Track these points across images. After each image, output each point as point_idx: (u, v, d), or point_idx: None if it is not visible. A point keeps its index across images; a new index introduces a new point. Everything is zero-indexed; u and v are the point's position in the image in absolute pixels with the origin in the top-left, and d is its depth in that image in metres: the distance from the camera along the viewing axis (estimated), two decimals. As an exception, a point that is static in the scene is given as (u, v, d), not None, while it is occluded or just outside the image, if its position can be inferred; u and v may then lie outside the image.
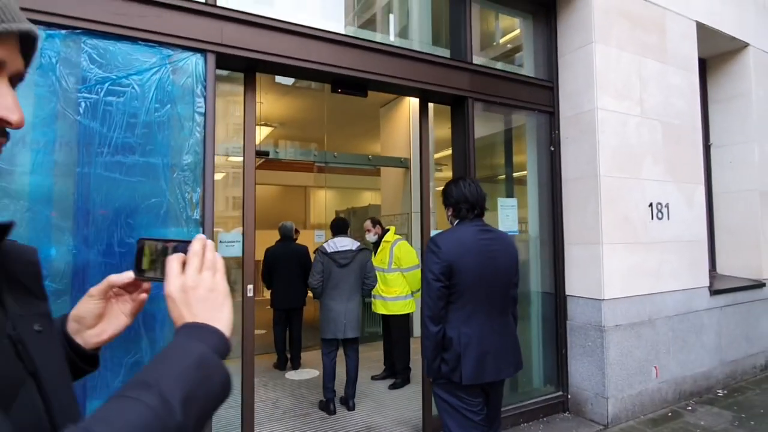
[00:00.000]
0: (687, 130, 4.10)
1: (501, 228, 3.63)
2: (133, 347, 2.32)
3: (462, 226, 2.16)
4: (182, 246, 0.68)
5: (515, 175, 4.15)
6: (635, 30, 3.82)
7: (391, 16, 4.82)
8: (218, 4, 2.62)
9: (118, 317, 0.76)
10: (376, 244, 4.59)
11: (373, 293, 4.43)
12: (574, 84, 3.76)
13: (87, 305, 0.74)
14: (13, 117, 0.56)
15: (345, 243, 4.00)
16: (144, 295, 0.77)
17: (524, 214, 3.96)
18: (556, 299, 3.85)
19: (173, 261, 0.64)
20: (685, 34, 4.16)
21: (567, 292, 3.81)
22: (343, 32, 3.15)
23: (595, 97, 3.57)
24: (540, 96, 3.85)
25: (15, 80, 0.59)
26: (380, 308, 4.47)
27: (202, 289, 0.63)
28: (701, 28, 4.29)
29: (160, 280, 0.67)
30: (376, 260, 4.48)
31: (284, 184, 11.06)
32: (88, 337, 0.74)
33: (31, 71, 1.92)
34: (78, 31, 2.24)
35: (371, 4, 5.12)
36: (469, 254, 2.06)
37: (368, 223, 4.64)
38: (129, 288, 0.76)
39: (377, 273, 4.42)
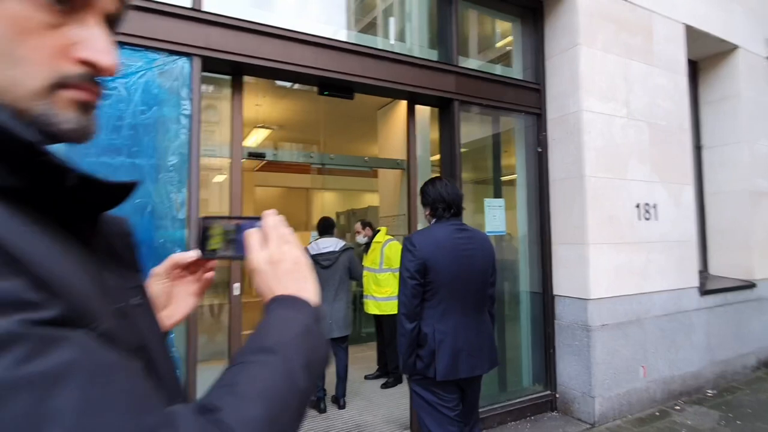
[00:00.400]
0: (674, 130, 4.13)
1: (488, 228, 3.68)
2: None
3: (438, 225, 2.21)
4: (250, 223, 0.67)
5: (503, 176, 4.19)
6: (621, 33, 3.86)
7: (391, 20, 4.89)
8: (204, 8, 2.68)
9: (185, 298, 0.74)
10: (367, 245, 4.64)
11: (365, 294, 4.48)
12: (561, 86, 3.80)
13: (155, 286, 0.72)
14: (104, 59, 0.47)
15: (328, 244, 4.06)
16: (211, 274, 0.75)
17: (512, 215, 4.00)
18: (544, 299, 3.88)
19: (254, 236, 0.64)
20: (672, 37, 4.19)
21: (555, 292, 3.84)
22: (329, 36, 3.21)
23: (581, 99, 3.61)
24: (527, 98, 3.90)
25: (112, 23, 0.50)
26: (372, 308, 4.52)
27: (287, 261, 0.62)
28: (690, 30, 4.32)
29: (237, 257, 0.67)
30: (367, 261, 4.54)
31: (286, 186, 11.15)
32: (162, 319, 0.70)
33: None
34: (66, 36, 2.30)
35: (371, 9, 5.18)
36: (443, 252, 2.10)
37: (358, 225, 4.72)
38: (191, 268, 0.74)
39: (369, 273, 4.48)
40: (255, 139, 8.17)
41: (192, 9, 2.62)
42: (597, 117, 3.67)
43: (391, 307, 4.45)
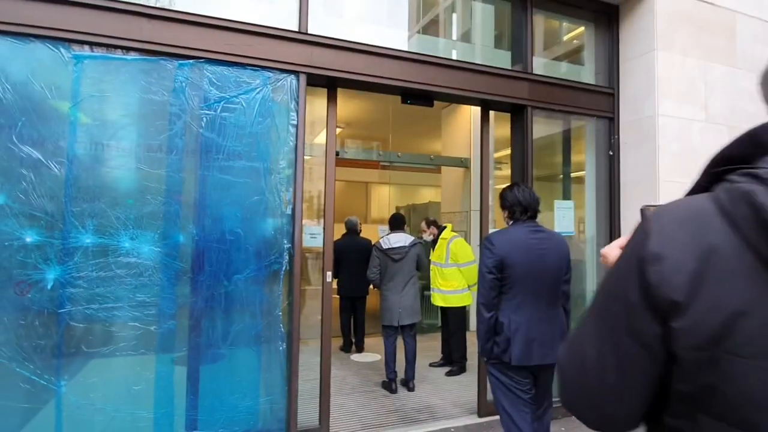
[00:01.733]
0: (757, 134, 4.04)
1: (557, 228, 3.84)
2: (237, 318, 2.85)
3: (515, 226, 2.46)
4: None
5: (573, 176, 4.30)
6: (701, 34, 3.84)
7: (454, 20, 5.10)
8: (309, 30, 3.07)
9: None
10: (434, 241, 4.91)
11: (432, 287, 4.78)
12: (635, 90, 3.86)
13: None
14: None
15: (399, 239, 4.39)
16: None
17: (581, 216, 4.12)
18: (611, 298, 3.97)
19: None
20: (758, 36, 4.09)
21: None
22: (406, 47, 3.51)
23: (656, 104, 3.66)
24: (600, 102, 3.99)
25: None
26: (438, 301, 4.80)
27: None
28: (776, 29, 4.19)
29: None
30: (434, 256, 4.82)
31: (347, 180, 11.62)
32: None
33: (166, 94, 2.50)
34: (201, 60, 2.77)
35: (434, 9, 5.41)
36: (518, 251, 2.36)
37: (423, 225, 4.98)
38: None
39: (435, 268, 4.77)
40: (335, 138, 8.62)
41: (299, 32, 3.02)
42: (673, 121, 3.71)
43: (456, 300, 4.71)
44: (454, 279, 4.69)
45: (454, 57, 3.93)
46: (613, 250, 0.81)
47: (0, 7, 2.33)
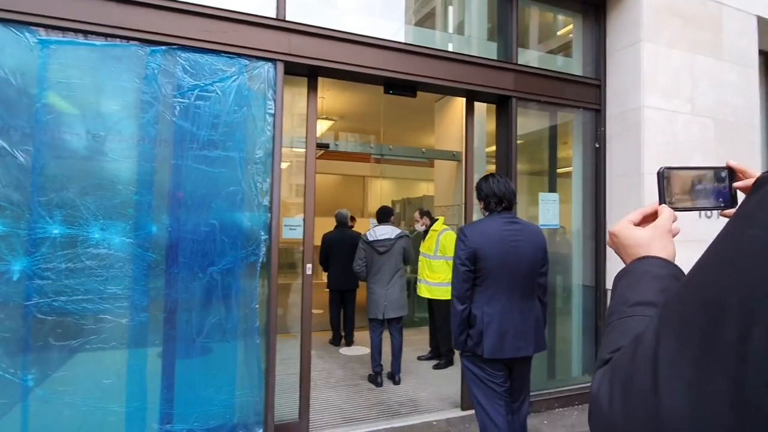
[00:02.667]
0: (743, 127, 4.01)
1: (541, 221, 3.80)
2: (213, 311, 2.80)
3: (489, 218, 2.42)
4: (717, 172, 0.65)
5: (559, 170, 4.26)
6: (687, 27, 3.79)
7: (450, 12, 5.04)
8: (287, 18, 3.01)
9: None
10: (425, 233, 4.88)
11: (418, 277, 4.74)
12: (622, 82, 3.81)
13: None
14: None
15: (385, 231, 4.34)
16: (678, 228, 0.71)
17: (567, 208, 4.08)
18: (596, 292, 3.96)
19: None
20: (744, 30, 4.04)
21: (607, 286, 3.90)
22: (397, 37, 3.45)
23: (642, 96, 3.62)
24: (586, 94, 3.94)
25: None
26: (424, 292, 4.77)
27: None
28: (762, 22, 4.14)
29: (714, 207, 0.66)
30: (424, 247, 4.78)
31: (343, 174, 11.57)
32: None
33: (138, 81, 2.44)
34: (174, 46, 2.71)
35: (430, 2, 5.35)
36: (491, 243, 2.31)
37: (416, 214, 4.95)
38: (649, 220, 0.72)
39: (424, 259, 4.73)
40: (318, 129, 8.58)
41: (276, 19, 2.95)
42: (659, 113, 3.67)
43: (441, 293, 4.68)
44: (442, 271, 4.66)
45: (448, 48, 3.86)
46: (626, 228, 0.71)
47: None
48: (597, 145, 3.98)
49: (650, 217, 0.72)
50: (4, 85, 2.34)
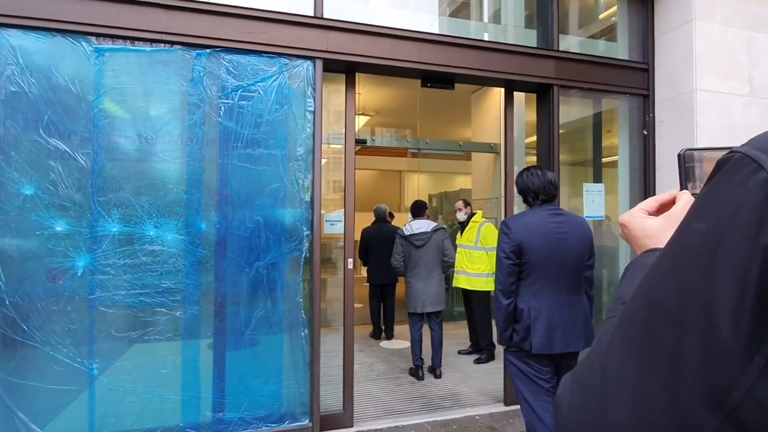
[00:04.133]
0: (810, 107, 3.72)
1: (586, 213, 3.68)
2: (259, 304, 2.89)
3: (533, 210, 2.36)
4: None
5: (604, 159, 4.11)
6: (744, 3, 3.55)
7: (485, 2, 4.95)
8: (325, 15, 3.04)
9: None
10: (465, 224, 4.83)
11: (456, 268, 4.71)
12: (672, 65, 3.62)
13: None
14: None
15: (421, 225, 4.33)
16: None
17: (613, 199, 3.94)
18: (646, 285, 3.80)
19: None
20: (812, 1, 3.74)
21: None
22: (432, 29, 3.42)
23: (695, 78, 3.43)
24: (633, 79, 3.77)
25: None
26: (463, 283, 4.72)
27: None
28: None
29: None
30: (463, 238, 4.74)
31: (380, 169, 11.61)
32: None
33: (185, 84, 2.54)
34: (218, 49, 2.80)
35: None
36: (536, 236, 2.26)
37: (460, 203, 4.90)
38: (666, 207, 0.66)
39: (463, 250, 4.69)
40: (355, 125, 8.66)
41: (314, 17, 2.99)
42: (713, 96, 3.46)
43: (482, 284, 4.63)
44: (481, 262, 4.62)
45: (484, 38, 3.80)
46: (636, 218, 0.65)
47: (22, 2, 2.41)
48: (645, 133, 3.81)
49: (668, 206, 0.65)
50: (65, 92, 2.50)
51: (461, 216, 4.87)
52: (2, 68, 2.42)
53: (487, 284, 4.65)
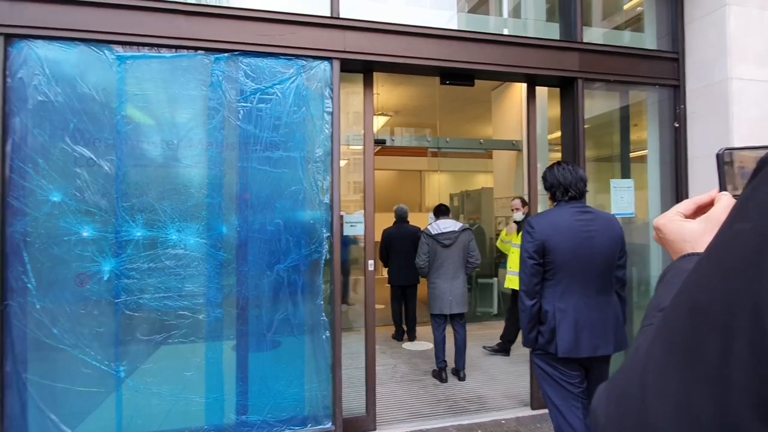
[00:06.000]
0: None
1: (614, 210, 3.55)
2: (281, 307, 2.89)
3: (558, 208, 2.26)
4: None
5: (632, 154, 3.96)
6: (784, -16, 3.37)
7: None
8: (341, 15, 3.02)
9: None
10: (521, 223, 4.72)
11: (509, 269, 4.62)
12: (704, 53, 3.46)
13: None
14: None
15: (448, 224, 4.25)
16: None
17: (642, 195, 3.79)
18: (680, 284, 3.64)
19: None
20: None
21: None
22: (450, 26, 3.37)
23: (730, 66, 3.26)
24: (662, 69, 3.62)
25: None
26: (513, 283, 4.61)
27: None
28: None
29: None
30: (519, 239, 4.63)
31: (400, 169, 11.57)
32: None
33: (204, 89, 2.54)
34: (236, 52, 2.81)
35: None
36: (562, 234, 2.16)
37: (517, 202, 4.68)
38: (704, 210, 0.63)
39: (516, 249, 4.60)
40: (374, 125, 8.65)
41: (330, 17, 2.98)
42: (750, 85, 3.29)
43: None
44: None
45: (504, 33, 3.72)
46: (672, 221, 0.61)
47: (47, 14, 2.47)
48: (676, 125, 3.65)
49: (706, 208, 0.62)
50: (90, 100, 2.55)
51: (518, 216, 4.73)
52: (30, 79, 2.48)
53: None
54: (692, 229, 0.60)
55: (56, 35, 2.49)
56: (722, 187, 0.59)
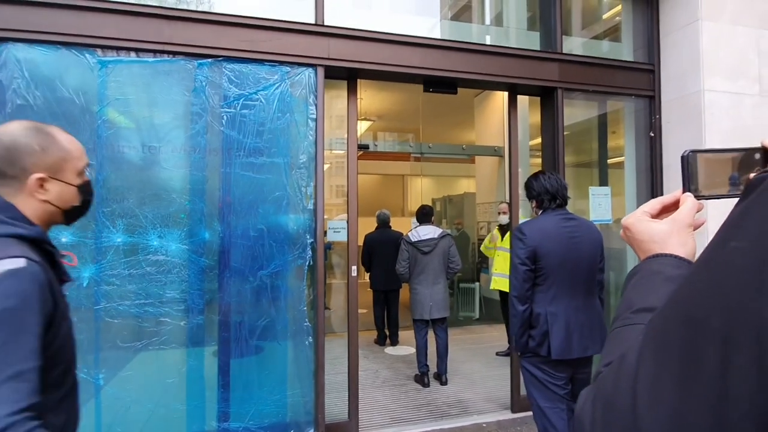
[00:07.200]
0: (821, 107, 3.66)
1: (592, 216, 3.65)
2: (264, 312, 2.88)
3: (545, 215, 2.37)
4: (748, 155, 0.56)
5: (610, 161, 4.07)
6: (754, 0, 3.51)
7: (487, 3, 4.94)
8: (326, 22, 3.04)
9: None
10: (504, 230, 4.81)
11: (495, 271, 4.71)
12: (678, 66, 3.58)
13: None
14: None
15: (428, 231, 4.31)
16: (703, 219, 0.63)
17: (620, 201, 3.89)
18: (655, 289, 3.74)
19: None
20: (821, -2, 3.69)
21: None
22: (433, 33, 3.42)
23: (702, 79, 3.38)
24: (638, 80, 3.73)
25: None
26: (502, 285, 4.69)
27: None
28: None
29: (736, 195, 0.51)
30: (504, 241, 4.72)
31: (383, 173, 11.61)
32: None
33: (187, 94, 2.54)
34: (220, 58, 2.80)
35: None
36: (551, 240, 2.27)
37: (504, 206, 4.82)
38: (672, 209, 0.65)
39: (502, 252, 4.67)
40: (357, 131, 8.67)
41: (315, 24, 2.99)
42: (722, 96, 3.42)
43: None
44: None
45: (486, 42, 3.79)
46: (640, 221, 0.63)
47: (27, 16, 2.43)
48: (652, 134, 3.77)
49: (671, 207, 0.64)
50: (69, 104, 2.51)
51: (504, 219, 4.83)
52: (9, 82, 2.44)
53: None
54: (660, 229, 0.61)
55: (36, 38, 2.45)
56: (686, 188, 0.61)
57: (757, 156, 0.57)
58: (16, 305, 0.85)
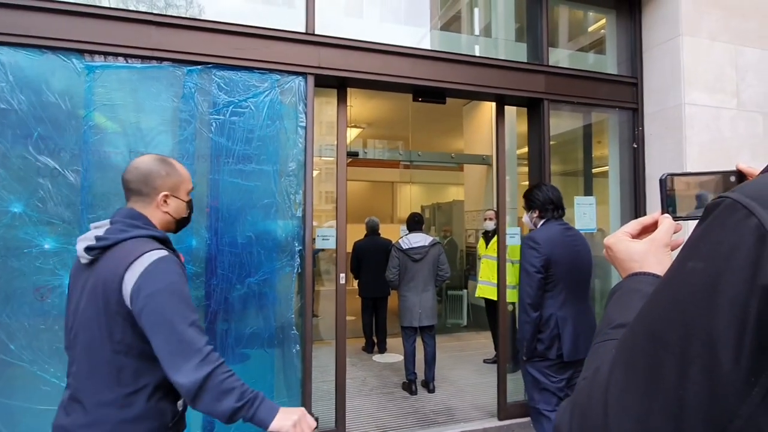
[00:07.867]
0: (796, 121, 3.79)
1: (578, 225, 3.70)
2: (251, 322, 2.86)
3: (550, 225, 2.49)
4: (724, 178, 0.58)
5: (595, 171, 4.15)
6: (731, 18, 3.62)
7: (476, 15, 5.01)
8: (316, 31, 3.06)
9: None
10: (489, 237, 4.84)
11: (481, 278, 4.73)
12: (660, 79, 3.68)
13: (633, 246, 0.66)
14: None
15: (418, 239, 4.33)
16: (681, 239, 0.63)
17: (604, 210, 3.96)
18: (639, 297, 3.81)
19: None
20: (795, 17, 3.83)
21: (650, 291, 3.76)
22: (423, 43, 3.46)
23: (682, 92, 3.48)
24: (622, 93, 3.82)
25: None
26: (488, 293, 4.71)
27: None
28: (816, 8, 3.90)
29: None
30: (489, 249, 4.75)
31: (372, 180, 11.62)
32: None
33: (176, 100, 2.53)
34: (209, 65, 2.80)
35: (455, 4, 5.34)
36: (560, 249, 2.40)
37: (491, 213, 4.91)
38: (649, 230, 0.68)
39: (488, 261, 4.70)
40: (346, 139, 8.69)
41: (306, 33, 3.01)
42: (701, 110, 3.51)
43: (508, 295, 4.64)
44: (509, 274, 4.63)
45: (474, 53, 3.85)
46: (621, 241, 0.66)
47: (14, 19, 2.41)
48: (635, 146, 3.85)
49: (650, 228, 0.68)
50: (55, 109, 2.48)
51: (490, 225, 4.87)
52: (-8, 85, 2.40)
53: (512, 295, 4.66)
54: (638, 249, 0.65)
55: (22, 42, 2.42)
56: (664, 210, 0.65)
57: (733, 179, 0.59)
58: (178, 279, 1.22)
